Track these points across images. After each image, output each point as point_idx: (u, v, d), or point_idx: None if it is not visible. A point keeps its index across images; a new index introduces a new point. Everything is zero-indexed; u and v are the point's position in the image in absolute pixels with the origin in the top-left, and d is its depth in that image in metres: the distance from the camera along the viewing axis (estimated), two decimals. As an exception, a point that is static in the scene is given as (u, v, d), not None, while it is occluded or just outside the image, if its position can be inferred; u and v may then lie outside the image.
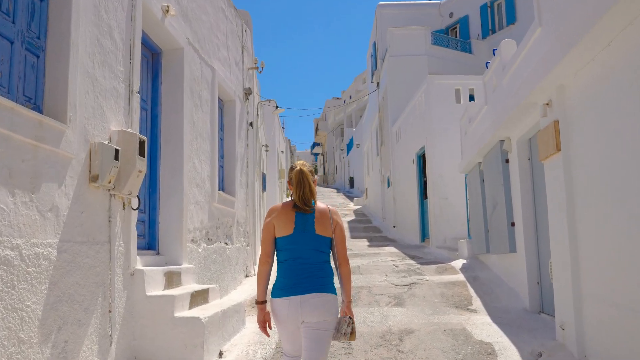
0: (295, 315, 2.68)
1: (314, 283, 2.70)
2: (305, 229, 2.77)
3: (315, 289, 2.68)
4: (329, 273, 2.79)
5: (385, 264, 9.53)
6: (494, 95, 6.87)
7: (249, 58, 9.31)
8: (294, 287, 2.70)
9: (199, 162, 6.29)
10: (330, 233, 2.79)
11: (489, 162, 7.14)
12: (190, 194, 5.94)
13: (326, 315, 2.68)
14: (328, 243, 2.81)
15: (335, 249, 2.84)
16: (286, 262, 2.78)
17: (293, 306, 2.67)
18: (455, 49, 16.95)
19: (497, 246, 6.90)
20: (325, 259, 2.81)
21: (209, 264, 6.49)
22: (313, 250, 2.76)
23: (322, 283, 2.72)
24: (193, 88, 6.19)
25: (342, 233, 2.85)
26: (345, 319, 2.73)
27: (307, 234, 2.76)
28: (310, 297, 2.67)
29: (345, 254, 2.86)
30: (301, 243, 2.76)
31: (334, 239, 2.83)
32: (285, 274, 2.77)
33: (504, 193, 6.39)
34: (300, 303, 2.66)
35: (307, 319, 2.67)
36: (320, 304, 2.67)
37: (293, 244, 2.76)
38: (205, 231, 6.50)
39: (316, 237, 2.76)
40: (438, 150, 11.44)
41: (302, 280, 2.71)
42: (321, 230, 2.77)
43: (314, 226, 2.77)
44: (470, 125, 8.79)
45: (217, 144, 6.98)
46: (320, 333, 2.67)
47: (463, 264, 8.68)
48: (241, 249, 8.15)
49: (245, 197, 8.57)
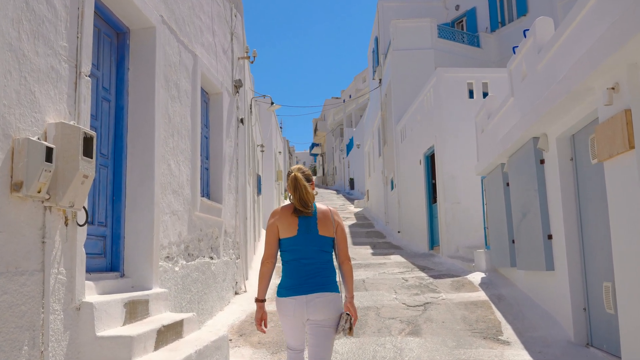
0: (301, 314, 2.80)
1: (318, 283, 2.82)
2: (309, 230, 2.87)
3: (319, 288, 2.81)
4: (332, 272, 2.91)
5: (392, 276, 8.52)
6: (524, 84, 5.86)
7: (240, 47, 8.30)
8: (300, 286, 2.82)
9: (176, 163, 5.28)
10: (332, 233, 2.91)
11: (516, 163, 6.14)
12: (164, 202, 4.94)
13: (330, 313, 2.80)
14: (330, 243, 2.92)
15: (337, 247, 2.95)
16: (291, 262, 2.89)
17: (299, 305, 2.79)
18: (463, 42, 15.95)
19: (527, 261, 5.90)
20: (328, 258, 2.91)
21: (189, 284, 5.48)
22: (317, 250, 2.87)
23: (326, 282, 2.84)
24: (169, 76, 5.19)
25: (343, 233, 2.97)
26: (344, 315, 2.82)
27: (310, 235, 2.87)
28: (315, 297, 2.79)
29: (347, 252, 2.97)
30: (305, 244, 2.86)
31: (335, 239, 2.93)
32: (290, 274, 2.88)
33: (538, 199, 5.39)
34: (306, 302, 2.79)
35: (312, 317, 2.80)
36: (325, 302, 2.79)
37: (297, 244, 2.87)
38: (185, 245, 5.49)
39: (319, 238, 2.87)
40: (449, 150, 10.43)
41: (307, 280, 2.82)
42: (324, 231, 2.88)
43: (317, 227, 2.88)
44: (489, 121, 7.79)
45: (199, 143, 5.98)
46: (325, 330, 2.80)
47: (482, 278, 7.68)
48: (230, 263, 7.14)
49: (234, 204, 7.55)
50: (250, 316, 6.32)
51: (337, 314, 2.83)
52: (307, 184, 2.89)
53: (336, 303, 2.84)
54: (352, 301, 2.90)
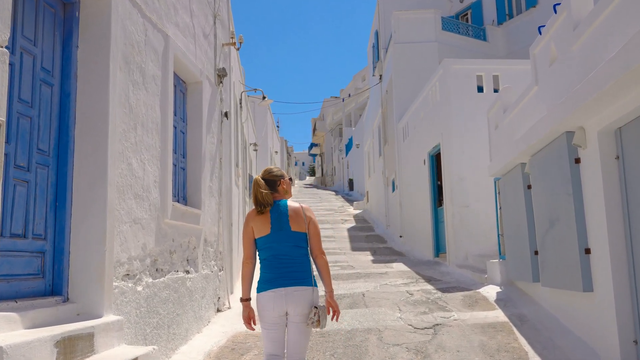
0: (280, 306, 2.94)
1: (295, 277, 2.97)
2: (281, 227, 3.03)
3: (297, 282, 2.96)
4: (308, 266, 3.04)
5: (396, 289, 7.64)
6: (553, 70, 4.99)
7: (225, 32, 7.41)
8: (278, 279, 2.96)
9: (139, 162, 4.41)
10: (304, 229, 3.06)
11: (542, 163, 5.26)
12: (123, 208, 4.07)
13: (307, 306, 2.95)
14: (304, 238, 3.06)
15: (310, 242, 3.09)
16: (267, 259, 3.04)
17: (278, 297, 2.94)
18: (468, 35, 15.07)
19: (556, 278, 5.02)
20: (303, 252, 3.05)
21: (156, 306, 4.60)
22: (291, 246, 3.02)
23: (303, 277, 2.98)
24: (130, 57, 4.31)
25: (315, 228, 3.11)
26: (312, 308, 2.96)
27: (283, 232, 3.03)
28: (293, 290, 2.94)
29: (320, 247, 3.10)
30: (279, 241, 3.02)
31: (308, 234, 3.08)
32: (267, 270, 3.03)
33: (572, 206, 4.51)
34: (285, 295, 2.93)
35: (290, 310, 2.95)
36: (303, 296, 2.95)
37: (272, 242, 3.02)
38: (152, 259, 4.61)
39: (292, 234, 3.03)
40: (457, 148, 9.54)
41: (285, 274, 2.97)
42: (296, 227, 3.05)
43: (289, 224, 3.04)
44: (504, 116, 6.92)
45: (171, 138, 5.10)
46: (301, 326, 2.97)
47: (497, 293, 6.79)
48: (210, 277, 6.25)
49: (217, 208, 6.67)
50: (232, 340, 5.45)
51: (311, 308, 2.97)
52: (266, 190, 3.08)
53: (312, 296, 2.98)
54: (332, 295, 3.07)
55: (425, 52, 13.88)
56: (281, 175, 3.20)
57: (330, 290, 3.05)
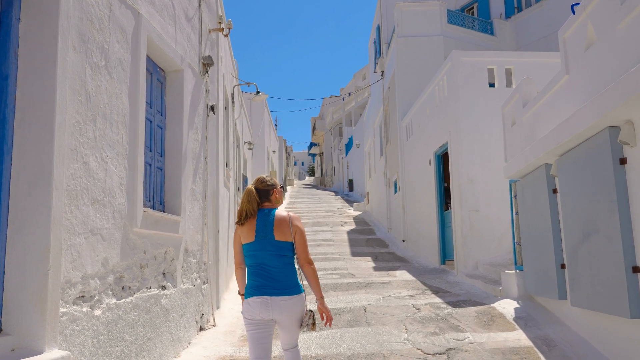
0: (266, 313, 2.99)
1: (280, 287, 3.00)
2: (265, 236, 3.07)
3: (282, 292, 2.99)
4: (292, 275, 3.06)
5: (400, 302, 6.92)
6: (590, 55, 4.26)
7: (212, 16, 6.67)
8: (263, 288, 3.01)
9: (99, 161, 3.68)
10: (289, 238, 3.08)
11: (576, 163, 4.53)
12: (76, 216, 3.34)
13: (295, 314, 3.03)
14: (288, 247, 3.08)
15: (297, 252, 3.11)
16: (252, 266, 3.10)
17: (264, 305, 2.99)
18: (475, 29, 14.34)
19: (594, 299, 4.29)
20: (287, 261, 3.07)
21: (121, 331, 3.87)
22: (275, 255, 3.05)
23: (287, 286, 3.02)
24: (87, 35, 3.58)
25: (302, 238, 3.11)
26: (307, 312, 3.06)
27: (266, 240, 3.06)
28: (279, 300, 2.98)
29: (307, 256, 3.10)
30: (262, 249, 3.06)
31: (294, 243, 3.10)
32: (253, 277, 3.08)
33: (617, 215, 3.78)
34: (271, 303, 2.99)
35: (277, 318, 3.01)
36: (289, 305, 2.99)
37: (255, 250, 3.08)
38: (116, 276, 3.88)
39: (275, 243, 3.05)
40: (466, 147, 8.81)
41: (269, 283, 3.01)
42: (280, 236, 3.06)
43: (273, 233, 3.06)
44: (524, 111, 6.18)
45: (142, 133, 4.36)
46: (290, 328, 3.06)
47: (515, 309, 6.06)
48: (192, 292, 5.51)
49: (201, 213, 5.93)
50: (214, 367, 4.73)
51: (301, 314, 3.03)
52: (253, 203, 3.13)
53: (299, 304, 3.03)
54: (323, 302, 3.12)
55: (431, 46, 13.16)
56: (274, 184, 3.24)
57: (320, 297, 3.12)
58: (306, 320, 3.03)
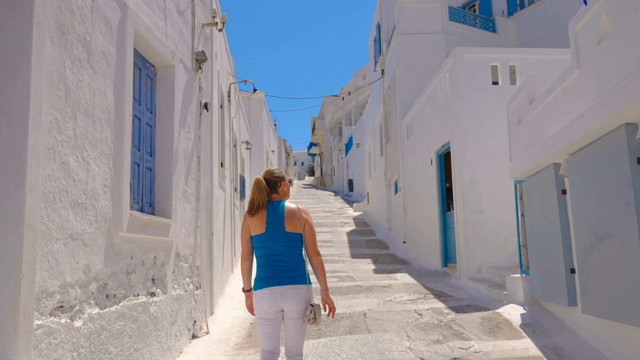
0: (276, 303, 3.05)
1: (289, 276, 3.06)
2: (276, 227, 3.11)
3: (291, 281, 3.05)
4: (302, 265, 3.13)
5: (402, 307, 6.67)
6: (604, 48, 4.02)
7: (206, 10, 6.41)
8: (273, 278, 3.06)
9: (80, 161, 3.43)
10: (299, 229, 3.13)
11: (588, 163, 4.29)
12: (53, 221, 3.10)
13: (302, 303, 3.06)
14: (298, 238, 3.14)
15: (305, 243, 3.18)
16: (262, 257, 3.14)
17: (273, 296, 3.04)
18: (477, 27, 14.09)
19: (608, 307, 4.04)
20: (297, 252, 3.14)
21: (105, 343, 3.62)
22: (285, 246, 3.10)
23: (297, 275, 3.08)
24: (68, 26, 3.33)
25: (311, 229, 3.18)
26: (309, 306, 3.06)
27: (277, 232, 3.10)
28: (288, 289, 3.04)
29: (315, 247, 3.17)
30: (273, 240, 3.10)
31: (303, 235, 3.16)
32: (263, 268, 3.12)
33: (635, 218, 3.53)
34: (280, 293, 3.04)
35: (286, 308, 3.06)
36: (298, 294, 3.05)
37: (266, 241, 3.11)
38: (99, 284, 3.64)
39: (286, 235, 3.10)
40: (469, 147, 8.56)
41: (279, 273, 3.06)
42: (291, 228, 3.11)
43: (284, 224, 3.11)
44: (531, 109, 5.94)
45: (129, 131, 4.12)
46: (297, 322, 3.08)
47: (522, 315, 5.81)
48: (184, 298, 5.27)
49: (193, 216, 5.68)
50: (205, 378, 4.49)
51: (306, 305, 3.08)
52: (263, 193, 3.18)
53: (307, 294, 3.09)
54: (327, 293, 3.18)
55: (432, 43, 12.91)
56: (282, 177, 3.29)
57: (325, 288, 3.17)
58: (307, 314, 3.06)
